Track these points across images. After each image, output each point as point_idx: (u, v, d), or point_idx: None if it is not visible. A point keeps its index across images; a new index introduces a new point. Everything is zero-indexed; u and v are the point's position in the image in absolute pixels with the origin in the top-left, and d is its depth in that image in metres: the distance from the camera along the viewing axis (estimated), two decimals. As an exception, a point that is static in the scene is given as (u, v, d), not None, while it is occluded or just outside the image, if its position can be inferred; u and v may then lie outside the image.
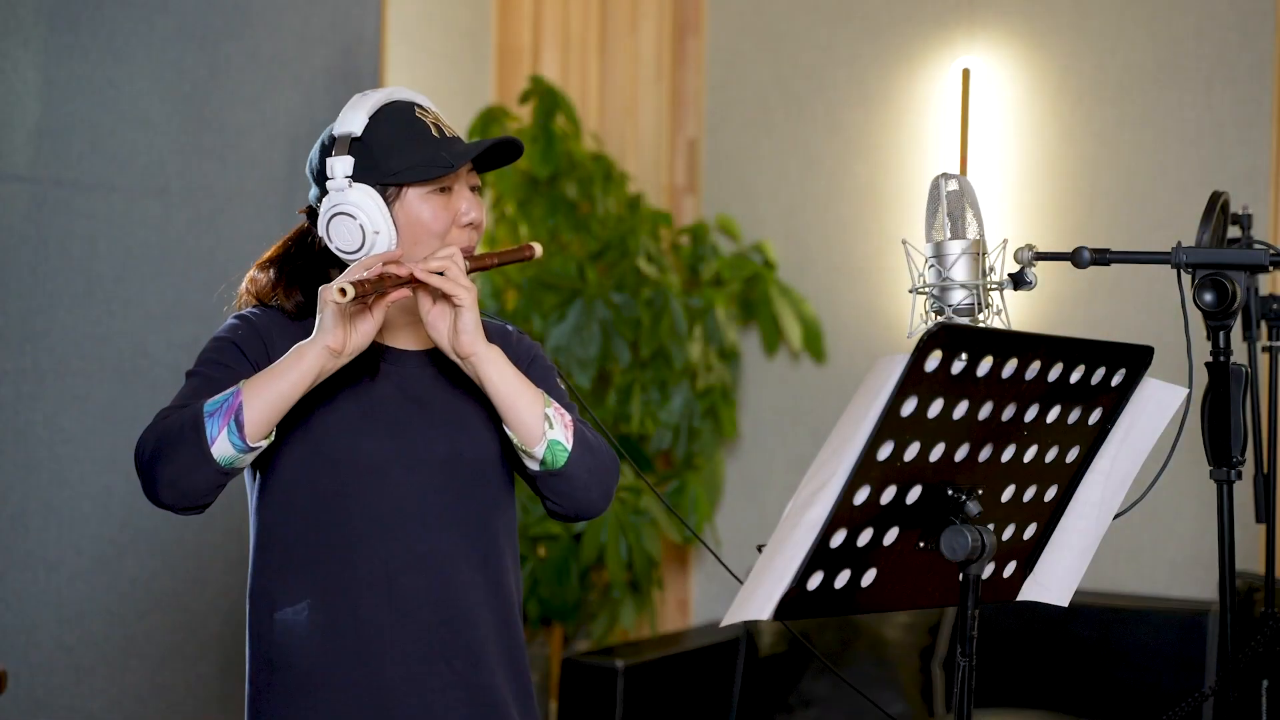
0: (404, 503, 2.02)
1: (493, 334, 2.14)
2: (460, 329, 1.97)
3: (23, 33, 3.17)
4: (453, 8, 4.43)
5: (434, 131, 2.04)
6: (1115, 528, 1.93)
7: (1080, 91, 4.08)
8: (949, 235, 1.90)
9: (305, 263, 2.10)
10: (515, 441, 2.00)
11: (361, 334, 1.96)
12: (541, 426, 1.98)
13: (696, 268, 4.40)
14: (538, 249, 2.16)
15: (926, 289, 1.90)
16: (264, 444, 1.93)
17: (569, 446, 1.99)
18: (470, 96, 4.49)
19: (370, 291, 1.92)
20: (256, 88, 3.67)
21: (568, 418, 2.02)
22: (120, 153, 3.37)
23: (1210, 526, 3.86)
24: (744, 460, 4.54)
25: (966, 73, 4.18)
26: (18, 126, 3.18)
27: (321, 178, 2.03)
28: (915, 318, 1.91)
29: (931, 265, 1.90)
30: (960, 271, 1.88)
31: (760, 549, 1.64)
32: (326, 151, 2.03)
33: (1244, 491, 2.53)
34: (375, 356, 2.05)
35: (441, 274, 1.96)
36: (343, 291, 1.87)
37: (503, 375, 1.98)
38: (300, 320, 2.07)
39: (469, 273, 2.01)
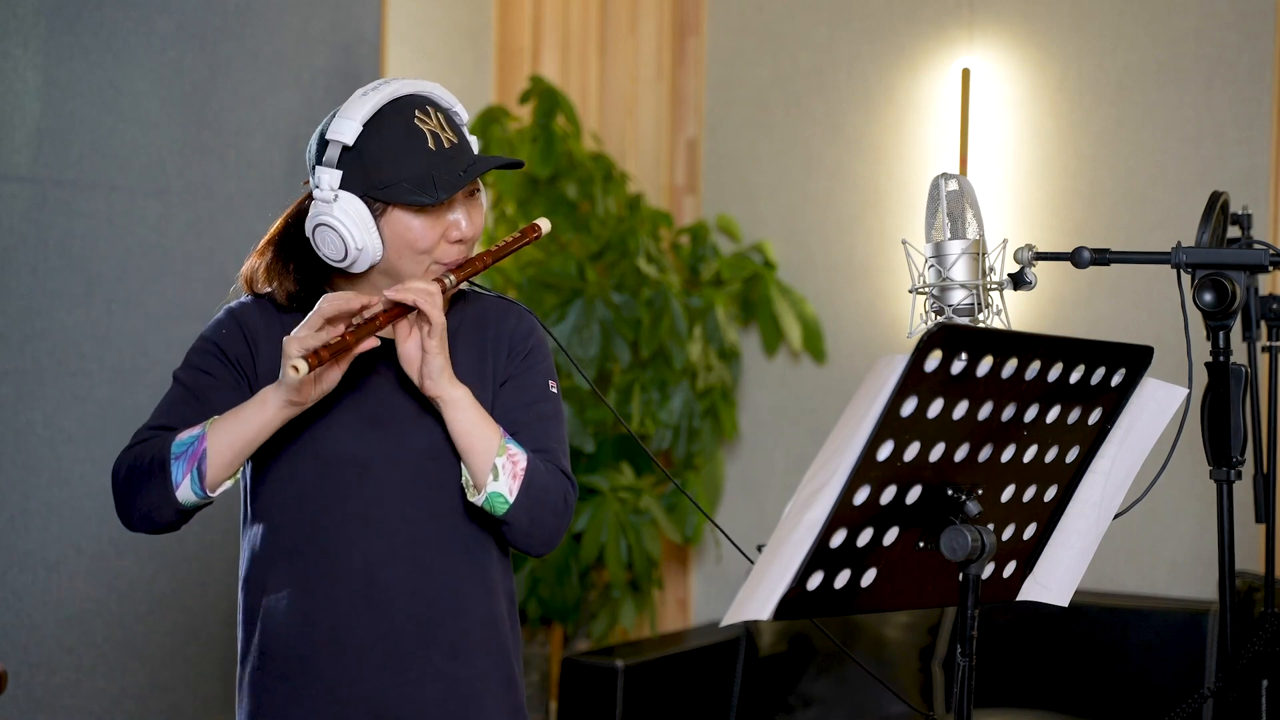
0: (385, 495, 2.03)
1: (490, 310, 2.14)
2: (425, 374, 1.97)
3: (23, 33, 3.17)
4: (453, 8, 4.43)
5: (431, 143, 1.98)
6: (1115, 528, 1.93)
7: (1080, 91, 4.08)
8: (949, 235, 1.90)
9: (301, 242, 2.07)
10: (464, 477, 2.02)
11: (327, 382, 1.95)
12: (487, 478, 1.99)
13: (696, 268, 4.40)
14: (545, 225, 2.13)
15: (926, 289, 1.90)
16: (228, 485, 1.98)
17: (510, 499, 1.99)
18: (470, 96, 4.48)
19: (329, 359, 1.89)
20: (256, 88, 3.67)
21: (520, 464, 2.01)
22: (120, 153, 3.37)
23: (1210, 526, 3.86)
24: (744, 460, 4.54)
25: (966, 73, 4.18)
26: (18, 126, 3.18)
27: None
28: (915, 318, 1.91)
29: (931, 265, 1.90)
30: (960, 271, 1.88)
31: (760, 549, 1.64)
32: (321, 150, 2.00)
33: (1244, 491, 2.53)
34: (374, 354, 2.03)
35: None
36: (295, 369, 1.85)
37: (460, 420, 1.98)
38: (290, 312, 2.06)
39: (460, 281, 2.00)
